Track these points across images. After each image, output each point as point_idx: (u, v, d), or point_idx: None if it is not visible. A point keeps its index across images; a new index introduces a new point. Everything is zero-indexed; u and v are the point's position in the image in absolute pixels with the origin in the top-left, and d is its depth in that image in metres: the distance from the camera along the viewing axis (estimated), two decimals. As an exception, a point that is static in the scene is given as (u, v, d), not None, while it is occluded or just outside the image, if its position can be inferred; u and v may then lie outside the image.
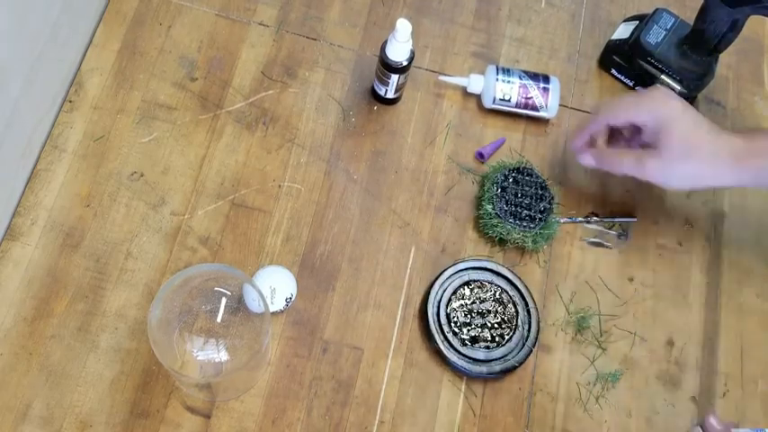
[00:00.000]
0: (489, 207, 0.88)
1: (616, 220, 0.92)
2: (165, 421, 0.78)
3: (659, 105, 0.80)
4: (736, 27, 0.89)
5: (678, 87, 0.95)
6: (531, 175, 0.91)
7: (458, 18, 1.03)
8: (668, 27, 0.96)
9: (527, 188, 0.90)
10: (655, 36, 0.96)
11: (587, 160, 0.85)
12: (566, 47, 1.03)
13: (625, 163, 0.82)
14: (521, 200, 0.89)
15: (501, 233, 0.88)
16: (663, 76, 0.96)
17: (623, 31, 1.00)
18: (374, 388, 0.82)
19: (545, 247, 0.90)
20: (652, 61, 0.95)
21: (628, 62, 0.98)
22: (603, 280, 0.89)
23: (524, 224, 0.88)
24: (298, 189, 0.90)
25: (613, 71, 1.01)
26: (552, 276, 0.89)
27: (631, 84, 1.00)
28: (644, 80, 0.98)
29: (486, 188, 0.90)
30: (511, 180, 0.90)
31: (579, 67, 1.02)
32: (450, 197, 0.92)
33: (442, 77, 0.96)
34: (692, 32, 0.93)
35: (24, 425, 0.76)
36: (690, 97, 0.97)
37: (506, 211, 0.88)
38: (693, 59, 0.94)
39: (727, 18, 0.88)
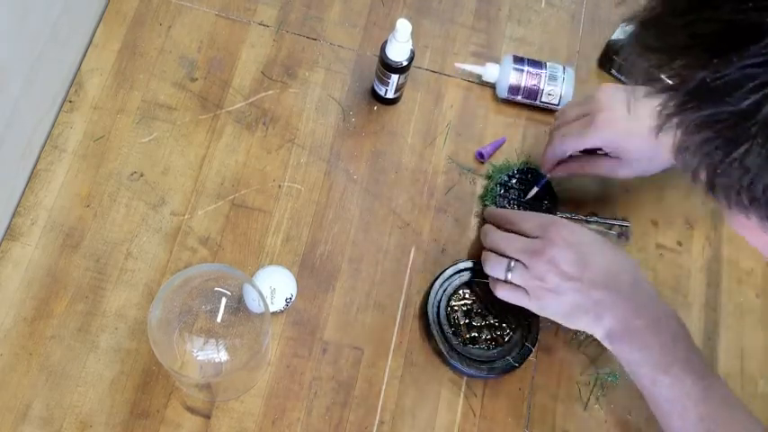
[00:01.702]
0: (492, 207, 0.89)
1: (611, 222, 0.92)
2: (165, 421, 0.78)
3: (603, 129, 0.81)
4: None
5: None
6: (535, 176, 0.91)
7: (458, 18, 1.03)
8: None
9: (530, 189, 0.90)
10: None
11: (560, 173, 0.89)
12: (566, 47, 1.03)
13: (599, 169, 0.85)
14: (524, 201, 0.90)
15: None
16: (662, 76, 0.95)
17: (623, 32, 1.00)
18: (374, 388, 0.82)
19: None
20: None
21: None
22: (603, 280, 0.89)
23: None
24: (298, 189, 0.90)
25: (613, 71, 1.01)
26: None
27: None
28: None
29: (489, 188, 0.91)
30: (515, 181, 0.91)
31: (579, 67, 1.02)
32: (450, 197, 0.92)
33: (458, 64, 0.97)
34: None
35: (24, 425, 0.76)
36: None
37: None
38: None
39: None
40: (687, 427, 0.69)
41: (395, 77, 0.89)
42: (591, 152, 0.86)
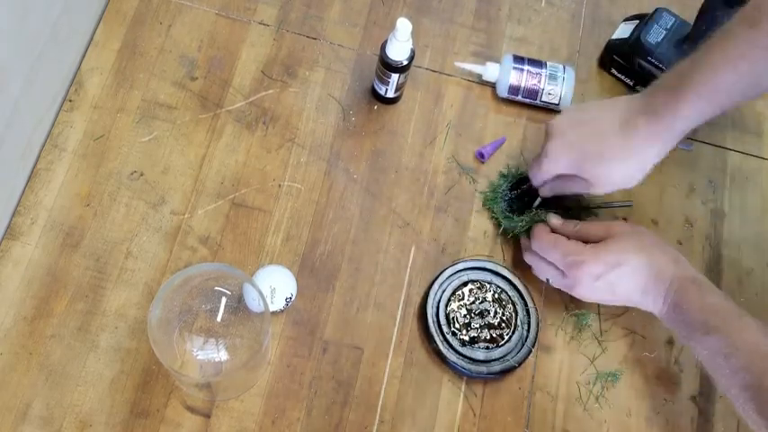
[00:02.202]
0: (500, 211, 0.89)
1: (614, 205, 0.92)
2: (165, 421, 0.78)
3: (555, 158, 0.82)
4: None
5: None
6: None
7: (458, 18, 1.03)
8: (668, 27, 0.96)
9: (535, 195, 0.89)
10: (655, 36, 0.96)
11: (546, 193, 0.88)
12: (566, 46, 1.03)
13: (574, 188, 0.84)
14: (534, 208, 0.89)
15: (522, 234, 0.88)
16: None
17: (623, 31, 1.00)
18: (374, 388, 0.82)
19: None
20: (652, 60, 0.95)
21: (628, 62, 0.98)
22: (603, 280, 0.89)
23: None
24: (298, 189, 0.90)
25: (613, 71, 1.01)
26: (552, 276, 0.89)
27: (632, 83, 1.00)
28: (644, 79, 0.98)
29: (496, 197, 0.91)
30: (518, 190, 0.90)
31: (579, 66, 1.02)
32: (450, 197, 0.92)
33: (458, 63, 0.97)
34: (692, 32, 0.93)
35: (24, 425, 0.76)
36: None
37: (522, 218, 0.88)
38: None
39: (727, 18, 0.88)
40: (726, 383, 0.71)
41: (395, 77, 0.89)
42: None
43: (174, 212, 0.87)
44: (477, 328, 0.84)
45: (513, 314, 0.85)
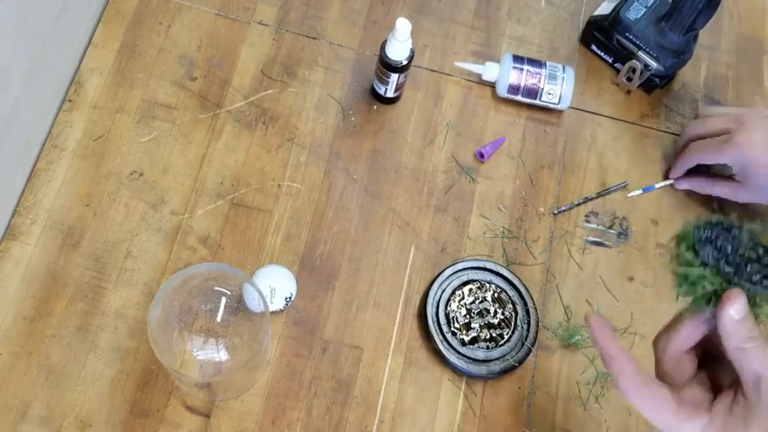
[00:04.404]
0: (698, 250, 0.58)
1: (611, 189, 0.93)
2: (165, 421, 0.78)
3: (739, 150, 0.84)
4: (711, 4, 0.89)
5: (655, 64, 0.95)
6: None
7: (457, 17, 1.03)
8: (649, 4, 0.97)
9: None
10: (635, 12, 0.96)
11: (684, 186, 0.94)
12: (565, 46, 1.03)
13: (718, 191, 0.90)
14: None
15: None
16: (640, 53, 0.96)
17: (605, 8, 1.01)
18: (374, 387, 0.82)
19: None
20: (630, 37, 0.96)
21: (606, 38, 0.99)
22: (603, 279, 0.89)
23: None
24: (297, 188, 0.90)
25: (593, 47, 1.01)
26: (551, 276, 0.89)
27: (610, 60, 1.00)
28: (622, 57, 0.98)
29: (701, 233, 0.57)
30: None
31: (579, 66, 1.02)
32: (449, 196, 0.92)
33: (458, 63, 0.97)
34: (670, 9, 0.94)
35: (24, 424, 0.76)
36: (667, 76, 0.98)
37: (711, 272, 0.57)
38: (671, 37, 0.95)
39: None
40: None
41: (394, 77, 0.89)
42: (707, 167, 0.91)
43: (174, 212, 0.87)
44: (476, 328, 0.84)
45: (513, 314, 0.85)
